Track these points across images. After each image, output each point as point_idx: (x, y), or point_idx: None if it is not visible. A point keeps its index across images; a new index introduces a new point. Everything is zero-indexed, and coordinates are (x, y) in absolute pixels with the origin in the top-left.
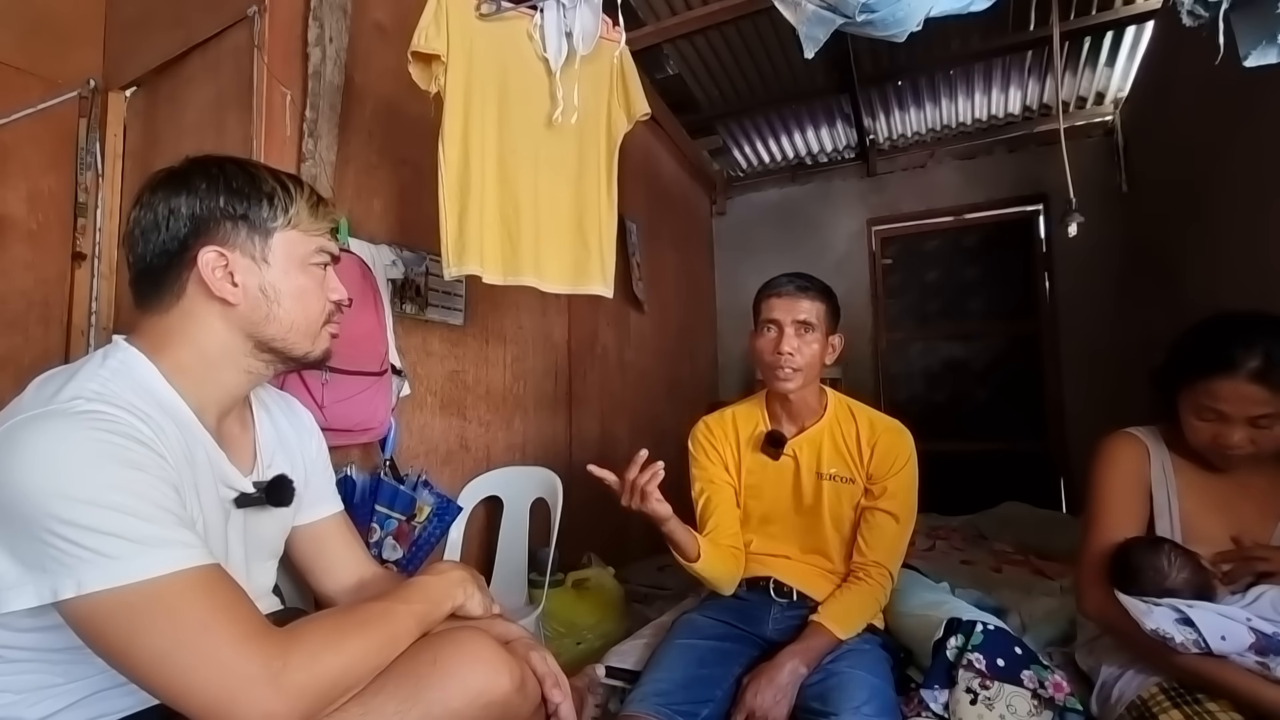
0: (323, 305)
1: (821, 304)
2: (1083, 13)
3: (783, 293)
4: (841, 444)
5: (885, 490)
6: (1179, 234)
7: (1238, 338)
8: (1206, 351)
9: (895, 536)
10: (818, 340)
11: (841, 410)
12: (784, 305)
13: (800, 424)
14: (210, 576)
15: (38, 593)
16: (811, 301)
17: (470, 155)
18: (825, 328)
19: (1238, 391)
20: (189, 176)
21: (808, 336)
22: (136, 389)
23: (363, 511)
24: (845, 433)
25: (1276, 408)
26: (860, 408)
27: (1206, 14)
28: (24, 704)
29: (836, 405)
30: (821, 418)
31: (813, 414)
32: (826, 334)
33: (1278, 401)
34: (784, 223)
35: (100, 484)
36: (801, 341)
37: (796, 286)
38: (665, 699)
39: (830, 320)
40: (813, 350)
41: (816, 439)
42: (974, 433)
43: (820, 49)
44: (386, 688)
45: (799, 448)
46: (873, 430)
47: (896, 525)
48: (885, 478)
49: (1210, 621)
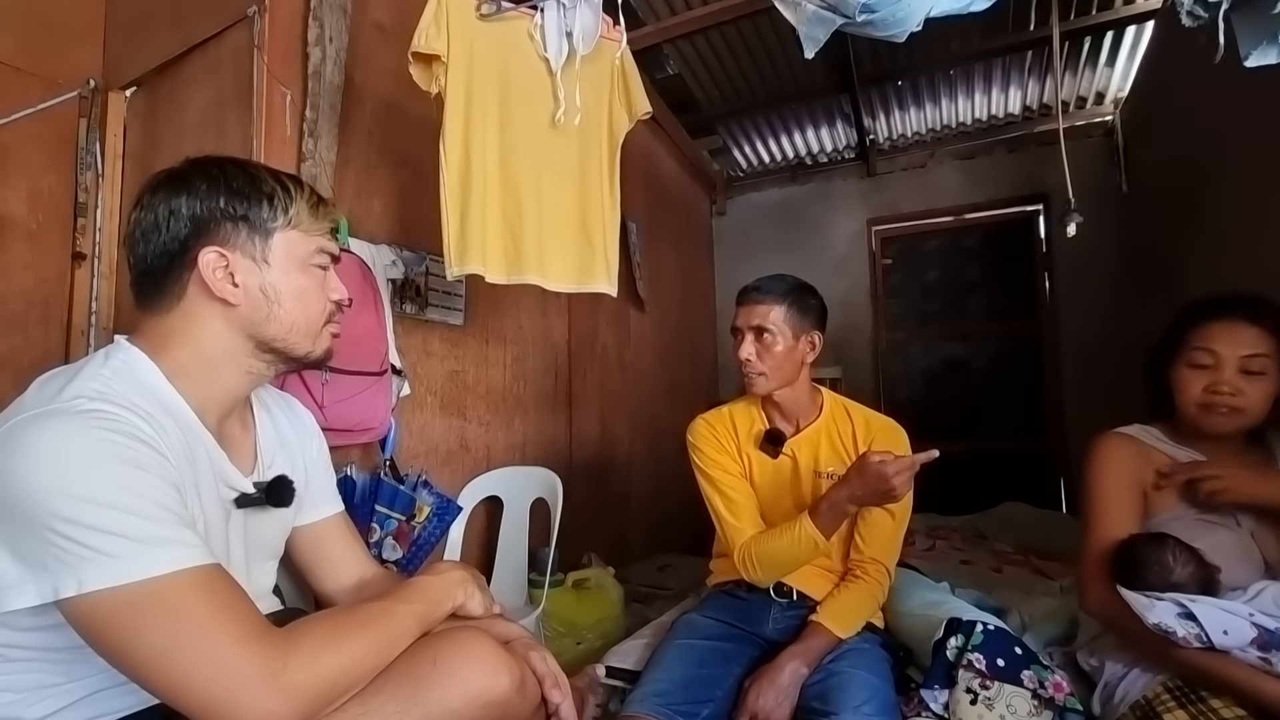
0: (323, 305)
1: (780, 307)
2: (1083, 13)
3: (743, 299)
4: (838, 442)
5: None
6: (1179, 234)
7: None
8: (1204, 302)
9: (892, 533)
10: (780, 343)
11: (838, 410)
12: (743, 312)
13: (796, 424)
14: (211, 576)
15: (39, 591)
16: (768, 306)
17: (471, 155)
18: (790, 330)
19: (1232, 330)
20: (189, 177)
21: (766, 340)
22: (138, 388)
23: (363, 511)
24: (842, 431)
25: (1267, 349)
26: (856, 407)
27: (1206, 14)
28: (24, 703)
29: (833, 405)
30: (818, 417)
31: (808, 414)
32: (794, 335)
33: (1268, 343)
34: (784, 223)
35: (102, 483)
36: (760, 346)
37: (757, 292)
38: (665, 699)
39: (797, 321)
40: (774, 354)
41: (814, 438)
42: (974, 433)
43: (820, 49)
44: (386, 687)
45: (797, 447)
46: (868, 428)
47: (893, 522)
48: None
49: (1212, 616)
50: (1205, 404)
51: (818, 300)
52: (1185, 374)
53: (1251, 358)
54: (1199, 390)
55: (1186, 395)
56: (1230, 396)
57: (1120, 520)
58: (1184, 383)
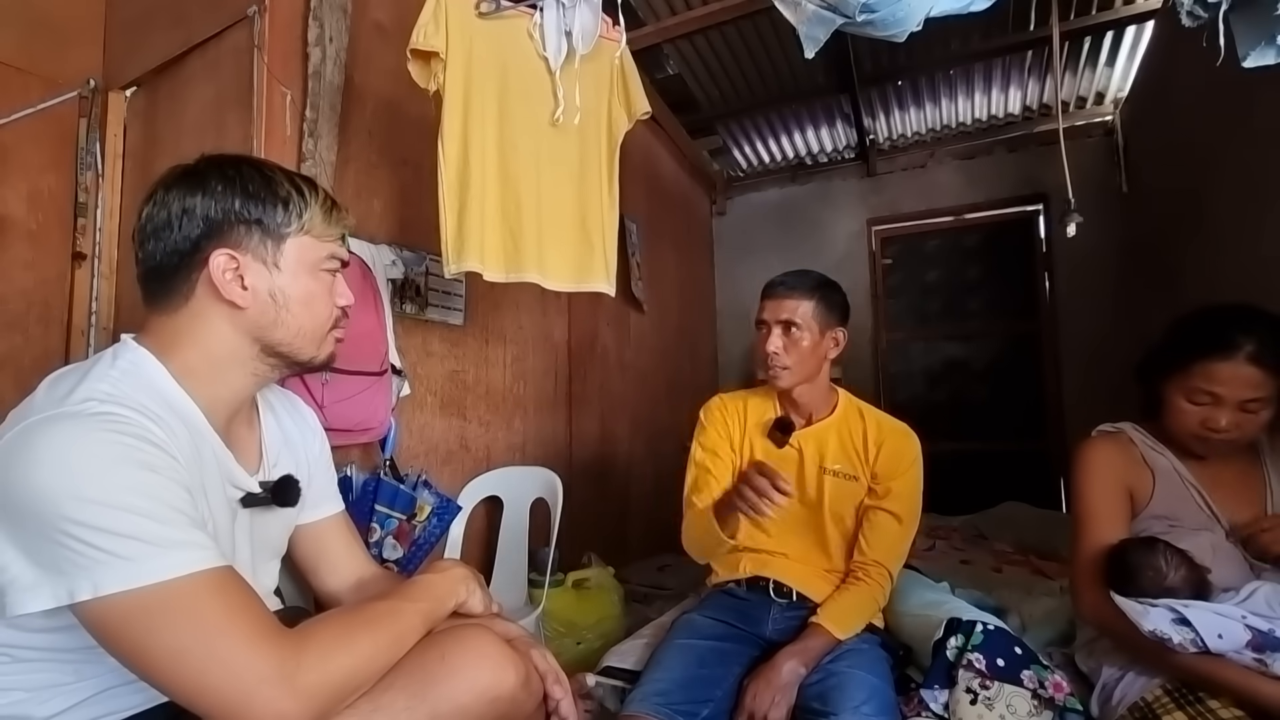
0: (330, 311)
1: (809, 302)
2: (1083, 13)
3: (770, 293)
4: (849, 441)
5: (890, 491)
6: (1178, 234)
7: (1237, 323)
8: (1207, 335)
9: (897, 537)
10: (806, 338)
11: (851, 410)
12: (770, 306)
13: (808, 418)
14: (224, 578)
15: (54, 595)
16: (797, 300)
17: (470, 153)
18: (817, 325)
19: (1235, 373)
20: (205, 177)
21: (793, 335)
22: (147, 390)
23: (363, 511)
24: (853, 431)
25: (1267, 392)
26: (870, 409)
27: (1206, 14)
28: (34, 701)
29: (847, 405)
30: (830, 415)
31: (821, 410)
32: (820, 331)
33: (1269, 385)
34: (784, 223)
35: (115, 486)
36: (787, 340)
37: (784, 286)
38: (665, 698)
39: (824, 317)
40: (800, 349)
41: (823, 434)
42: (974, 432)
43: (820, 49)
44: (395, 684)
45: (804, 440)
46: (880, 431)
47: (899, 526)
48: (890, 478)
49: (1206, 620)
50: (1200, 436)
51: (842, 297)
52: (1181, 404)
53: (1251, 401)
54: (1195, 423)
55: (1181, 423)
56: (1226, 433)
57: (1110, 525)
58: (1179, 411)
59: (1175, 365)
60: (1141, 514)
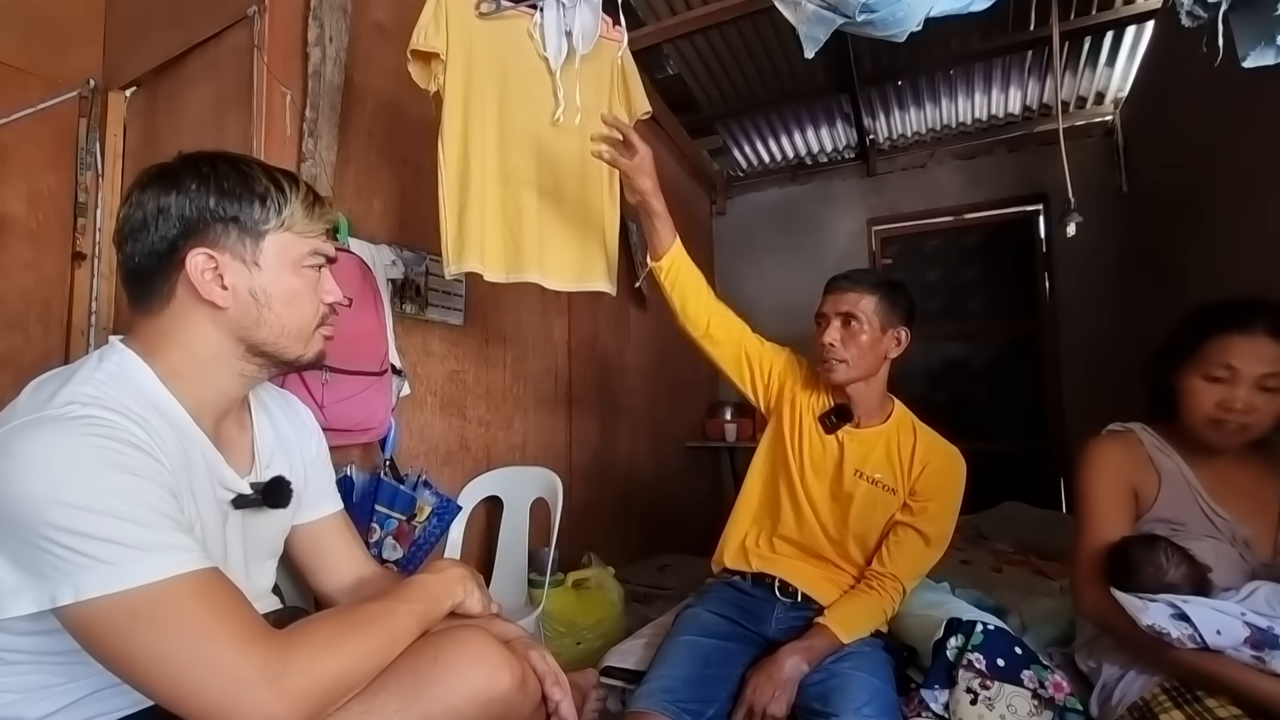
0: (315, 309)
1: (871, 297)
2: (1083, 13)
3: (832, 288)
4: (895, 453)
5: (925, 510)
6: (1179, 234)
7: (1256, 301)
8: (1225, 311)
9: (921, 557)
10: (866, 333)
11: (905, 423)
12: (831, 299)
13: (859, 421)
14: (209, 580)
15: (36, 599)
16: (859, 294)
17: (470, 153)
18: (878, 321)
19: (1254, 346)
20: (180, 175)
21: (852, 328)
22: (132, 392)
23: (363, 511)
24: (902, 444)
25: None
26: (924, 427)
27: (1206, 15)
28: (25, 703)
29: (901, 417)
30: (883, 423)
31: (872, 416)
32: (882, 328)
33: None
34: (784, 223)
35: (96, 490)
36: (845, 333)
37: (847, 280)
38: (672, 696)
39: (887, 314)
40: (859, 343)
41: (870, 440)
42: (974, 432)
43: (820, 49)
44: (388, 686)
45: (849, 439)
46: (929, 450)
47: (925, 547)
48: (928, 498)
49: (1205, 616)
50: (1216, 419)
51: (908, 296)
52: (1198, 385)
53: (1270, 375)
54: (1211, 404)
55: (1196, 407)
56: (1243, 414)
57: (1114, 523)
58: (1195, 393)
59: (1191, 347)
60: (1145, 516)
